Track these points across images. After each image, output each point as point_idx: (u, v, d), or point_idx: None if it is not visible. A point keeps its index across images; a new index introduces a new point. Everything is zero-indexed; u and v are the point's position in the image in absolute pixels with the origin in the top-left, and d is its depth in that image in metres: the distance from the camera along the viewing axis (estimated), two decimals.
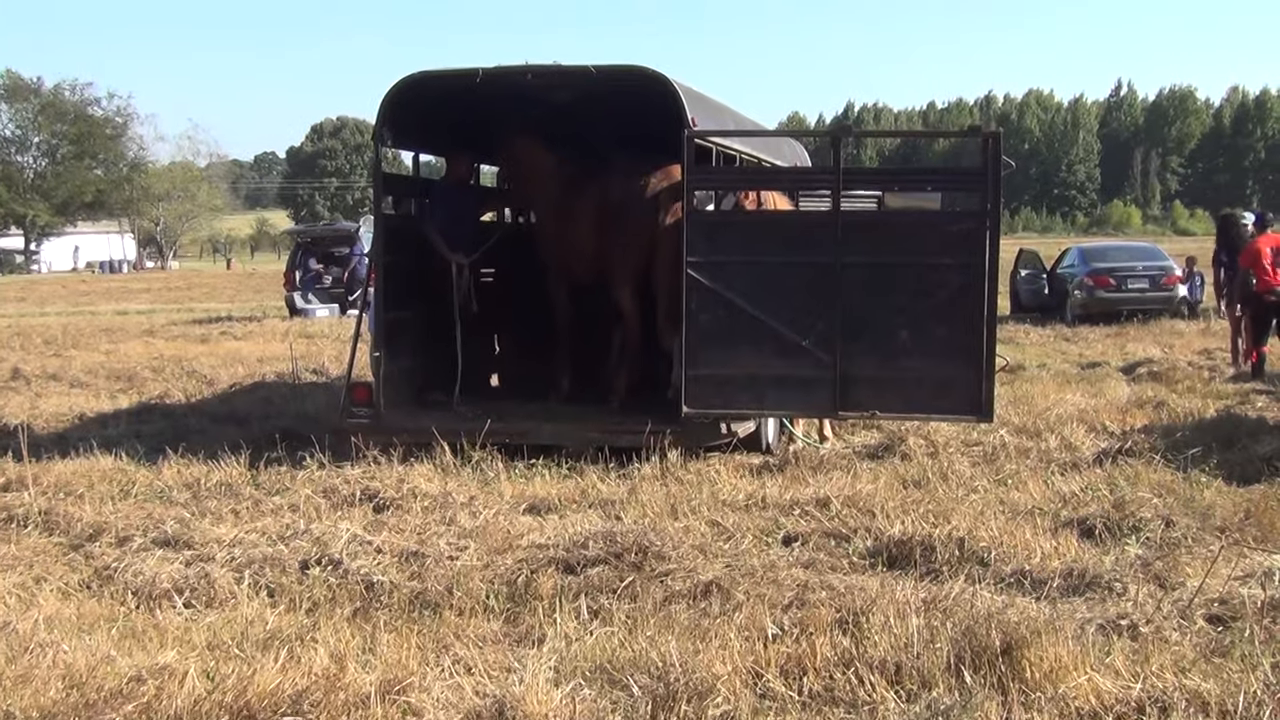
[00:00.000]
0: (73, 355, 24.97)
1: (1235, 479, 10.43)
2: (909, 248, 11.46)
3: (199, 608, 7.61)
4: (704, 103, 12.78)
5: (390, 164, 14.79)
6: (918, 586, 7.52)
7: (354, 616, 7.35)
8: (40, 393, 18.38)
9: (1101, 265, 30.91)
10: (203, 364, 21.81)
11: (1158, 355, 20.87)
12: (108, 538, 9.11)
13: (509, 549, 8.50)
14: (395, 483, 10.49)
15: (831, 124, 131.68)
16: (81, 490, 10.68)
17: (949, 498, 9.84)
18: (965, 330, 11.26)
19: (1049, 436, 12.39)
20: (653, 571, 7.81)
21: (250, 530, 9.08)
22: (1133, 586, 7.38)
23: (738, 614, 7.04)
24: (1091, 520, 8.93)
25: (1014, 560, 8.03)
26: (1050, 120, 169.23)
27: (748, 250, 11.59)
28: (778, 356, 11.42)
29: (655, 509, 9.66)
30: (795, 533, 8.99)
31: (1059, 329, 27.94)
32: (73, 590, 8.04)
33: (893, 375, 11.40)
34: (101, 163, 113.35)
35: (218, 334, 30.31)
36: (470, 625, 7.13)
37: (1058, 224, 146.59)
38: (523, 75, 12.48)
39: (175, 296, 57.15)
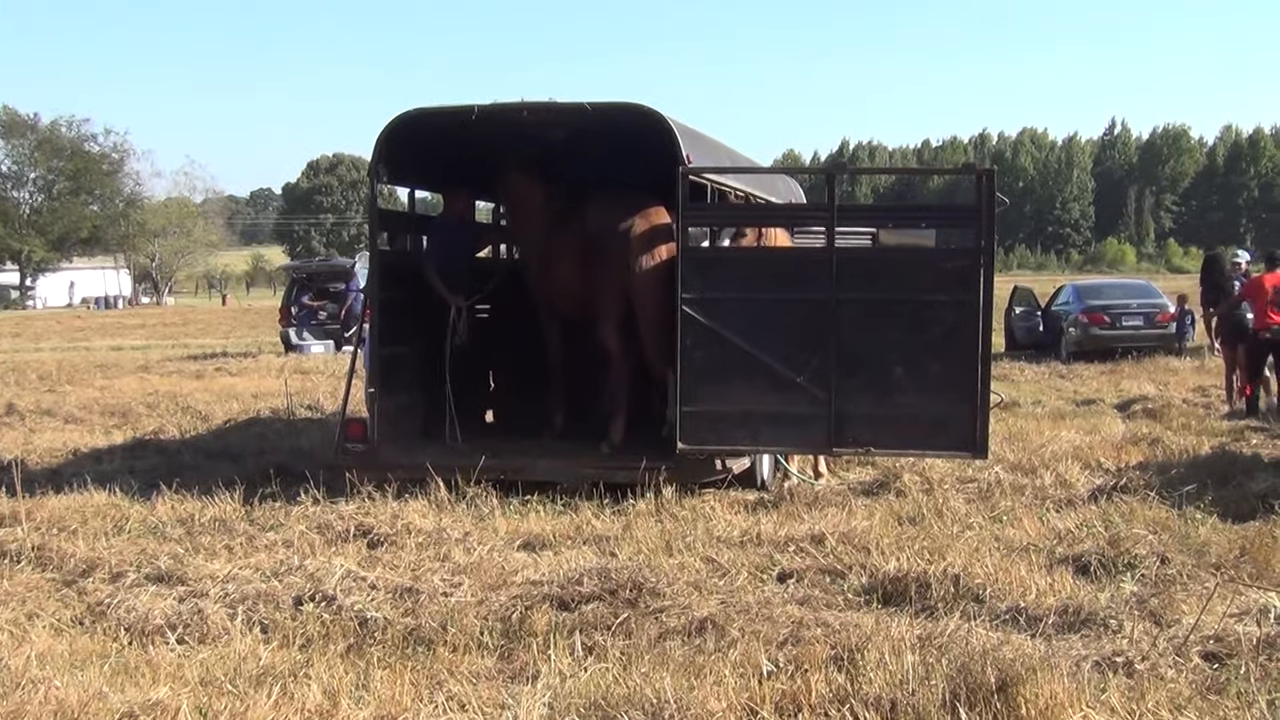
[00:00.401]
0: (67, 391, 24.93)
1: (1230, 516, 10.43)
2: (903, 284, 11.48)
3: (192, 644, 7.59)
4: (699, 139, 12.81)
5: (386, 200, 14.81)
6: (913, 623, 7.51)
7: (347, 653, 7.32)
8: (34, 428, 18.35)
9: (1096, 303, 30.93)
10: (197, 400, 21.78)
11: (1152, 392, 20.87)
12: (101, 574, 9.08)
13: (503, 585, 8.48)
14: (389, 519, 10.48)
15: (826, 161, 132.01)
16: (75, 526, 10.66)
17: (944, 534, 9.83)
18: (960, 366, 11.28)
19: (1044, 473, 12.39)
20: (647, 608, 7.79)
21: (244, 566, 9.06)
22: (1128, 623, 7.36)
23: (732, 651, 7.02)
24: (1087, 557, 8.93)
25: (1009, 597, 8.01)
26: (1044, 158, 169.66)
27: (742, 286, 11.61)
28: (772, 392, 11.43)
29: (650, 545, 9.65)
30: (790, 569, 8.97)
31: (1054, 366, 27.95)
32: (65, 626, 8.01)
33: (888, 411, 11.41)
34: (98, 198, 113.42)
35: (212, 370, 30.27)
36: (464, 662, 7.10)
37: (1052, 261, 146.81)
38: (518, 112, 12.52)
39: (170, 332, 57.11)
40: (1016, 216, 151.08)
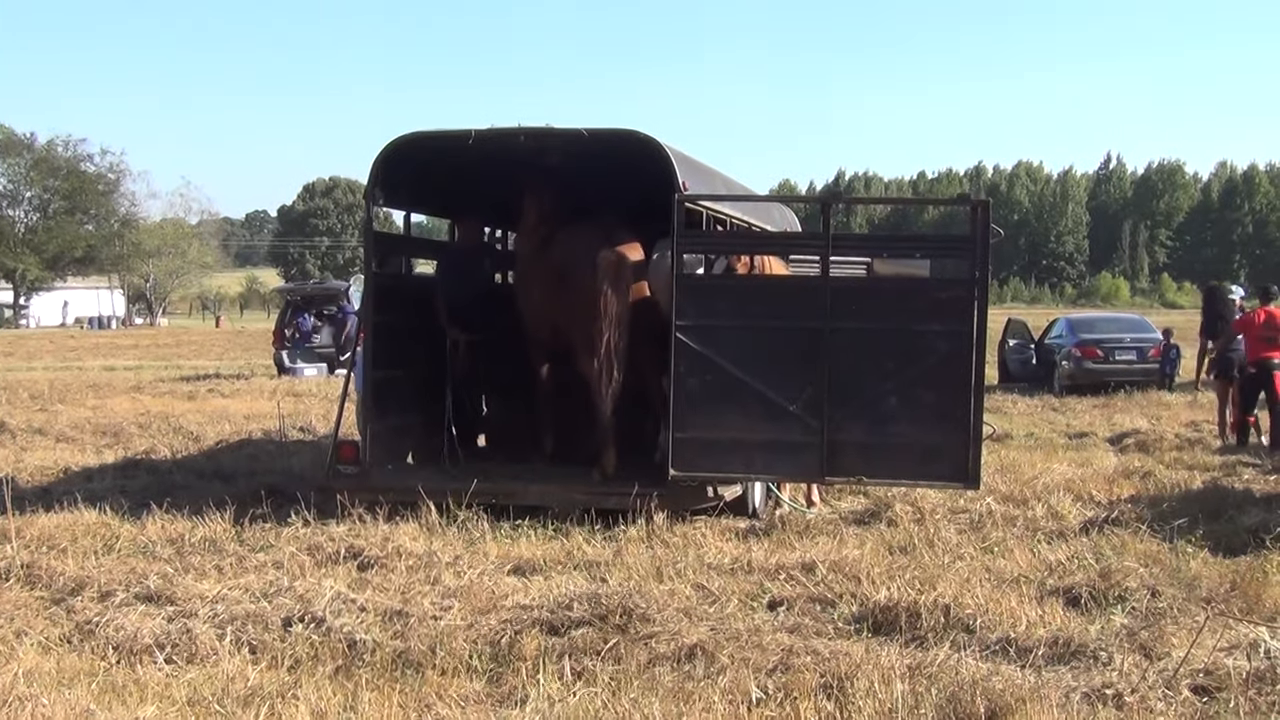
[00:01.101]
0: (59, 410, 24.89)
1: (1221, 550, 10.43)
2: (897, 314, 11.51)
3: (180, 664, 7.56)
4: (695, 167, 12.84)
5: (382, 224, 14.84)
6: (903, 653, 7.50)
7: (336, 675, 7.31)
8: (25, 446, 18.32)
9: (1089, 336, 30.99)
10: (189, 420, 21.77)
11: (1145, 426, 20.87)
12: (90, 592, 9.05)
13: (493, 609, 8.46)
14: (380, 541, 10.47)
15: (822, 190, 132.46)
16: (64, 544, 10.63)
17: (935, 564, 9.83)
18: (953, 397, 11.30)
19: (1036, 505, 12.39)
20: (637, 634, 7.77)
21: (233, 586, 9.04)
22: (1118, 656, 7.36)
23: (722, 677, 7.01)
24: (1077, 589, 8.92)
25: (999, 628, 8.01)
26: (1039, 191, 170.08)
27: (736, 314, 11.63)
28: (765, 420, 11.44)
29: (641, 571, 9.65)
30: (781, 597, 8.96)
31: (1046, 399, 27.98)
32: (53, 644, 7.98)
33: (880, 441, 11.42)
34: (93, 218, 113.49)
35: (205, 391, 30.24)
36: (453, 685, 7.09)
37: (1046, 295, 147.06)
38: (515, 137, 12.55)
39: (163, 353, 57.07)
40: (1011, 249, 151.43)
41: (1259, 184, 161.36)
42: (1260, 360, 17.96)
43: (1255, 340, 17.98)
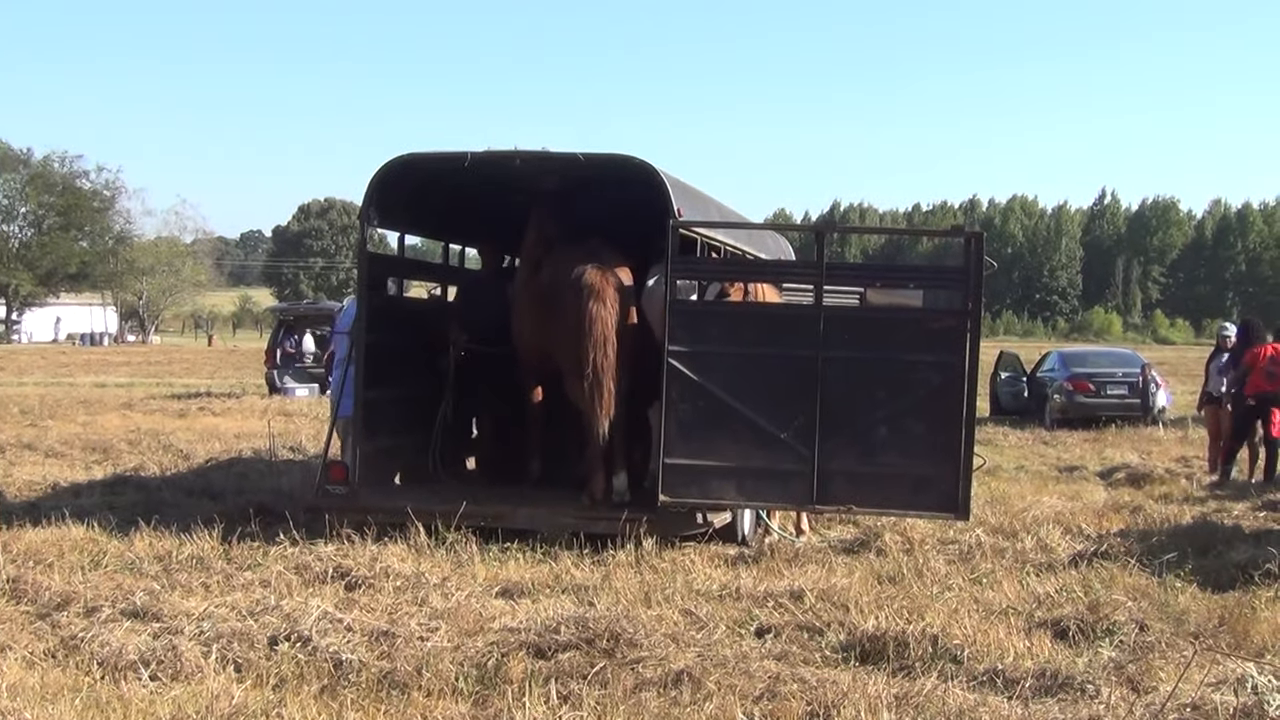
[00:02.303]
0: (49, 425, 24.87)
1: (1210, 585, 10.43)
2: (890, 344, 11.53)
3: (165, 680, 7.53)
4: (690, 193, 12.86)
5: (376, 245, 14.85)
6: (890, 682, 7.48)
7: (321, 694, 7.29)
8: (14, 461, 18.30)
9: (1081, 370, 31.08)
10: (179, 438, 21.74)
11: (1135, 461, 20.91)
12: (76, 607, 9.03)
13: (480, 631, 8.45)
14: (368, 561, 10.44)
15: (817, 220, 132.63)
16: (51, 559, 10.62)
17: (923, 594, 9.82)
18: (944, 428, 11.31)
19: (1025, 537, 12.38)
20: (624, 658, 7.76)
21: (220, 604, 9.02)
22: (1105, 689, 7.35)
23: (708, 704, 7.00)
24: (1065, 622, 8.91)
25: (987, 659, 8.00)
26: (1034, 226, 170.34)
27: (729, 341, 11.64)
28: (756, 448, 11.44)
29: (629, 596, 9.63)
30: (768, 624, 8.95)
31: (1037, 432, 28.03)
32: (38, 659, 7.95)
33: (870, 470, 11.43)
34: (87, 235, 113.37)
35: (196, 409, 30.21)
36: (439, 707, 7.07)
37: (1039, 328, 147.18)
38: (511, 160, 12.56)
39: (155, 371, 56.99)
40: (1004, 282, 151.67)
41: (1253, 222, 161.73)
42: (1261, 394, 18.06)
43: (1259, 374, 18.08)
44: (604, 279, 12.14)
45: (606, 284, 12.10)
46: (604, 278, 12.15)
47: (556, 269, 12.58)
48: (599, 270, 12.16)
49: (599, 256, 12.44)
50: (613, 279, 12.22)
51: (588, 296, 12.02)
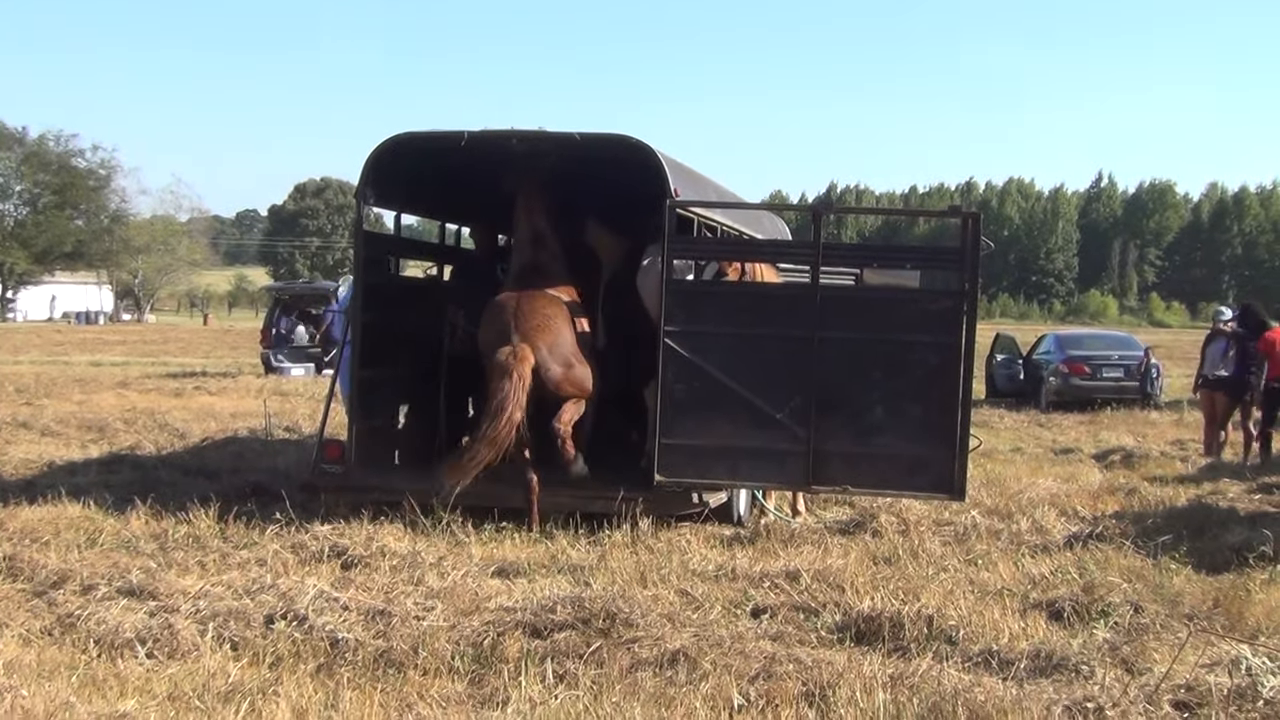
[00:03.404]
0: (44, 404, 24.85)
1: (1205, 567, 10.45)
2: (886, 324, 11.53)
3: (161, 658, 7.54)
4: (687, 173, 12.85)
5: (372, 225, 14.83)
6: (885, 662, 7.50)
7: (317, 673, 7.29)
8: (10, 440, 18.28)
9: (1077, 353, 31.10)
10: (175, 417, 21.73)
11: (1130, 443, 20.95)
12: (72, 585, 9.03)
13: (476, 611, 8.46)
14: (364, 540, 10.45)
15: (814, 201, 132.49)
16: (47, 537, 10.61)
17: (919, 575, 9.84)
18: (940, 409, 11.32)
19: (1020, 519, 12.40)
20: (620, 638, 7.76)
21: (216, 583, 9.02)
22: (1100, 670, 7.35)
23: (704, 683, 7.01)
24: (1060, 603, 8.93)
25: (982, 640, 8.02)
26: (1030, 208, 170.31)
27: (725, 321, 11.62)
28: (752, 428, 11.44)
29: (625, 576, 9.64)
30: (764, 605, 8.96)
31: (1033, 414, 28.04)
32: (34, 637, 7.96)
33: (866, 451, 11.44)
34: (83, 213, 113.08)
35: (191, 388, 30.20)
36: (435, 686, 7.07)
37: (1035, 311, 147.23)
38: (507, 140, 12.54)
39: (150, 350, 56.94)
40: (1001, 265, 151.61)
41: (1249, 206, 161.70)
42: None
43: (1277, 359, 18.20)
44: (514, 355, 11.54)
45: (519, 360, 11.52)
46: (514, 353, 11.54)
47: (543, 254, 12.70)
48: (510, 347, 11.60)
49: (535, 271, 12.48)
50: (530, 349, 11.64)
51: (500, 376, 11.52)
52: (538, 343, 11.70)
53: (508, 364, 11.49)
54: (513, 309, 11.93)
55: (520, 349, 11.56)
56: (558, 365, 11.83)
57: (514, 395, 11.37)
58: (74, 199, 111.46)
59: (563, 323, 12.03)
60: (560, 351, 11.87)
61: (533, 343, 11.66)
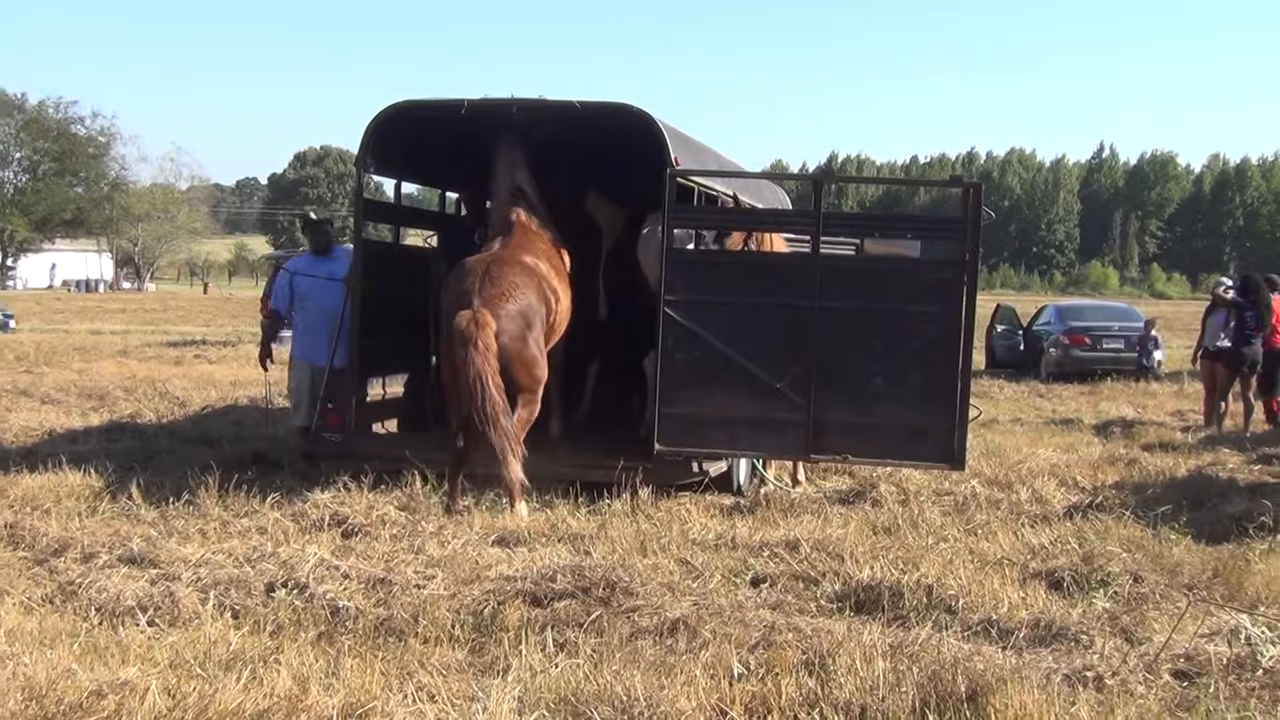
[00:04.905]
0: (44, 372, 24.87)
1: (1204, 537, 10.46)
2: (886, 294, 11.51)
3: (162, 626, 7.55)
4: (687, 142, 12.82)
5: (372, 193, 14.81)
6: (885, 631, 7.50)
7: (318, 640, 7.30)
8: (10, 408, 18.28)
9: (1077, 324, 31.10)
10: (175, 386, 21.75)
11: (1131, 414, 20.98)
12: (73, 553, 9.04)
13: (477, 579, 8.46)
14: (364, 509, 10.43)
15: (815, 171, 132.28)
16: (48, 505, 10.62)
17: (919, 545, 9.83)
18: (939, 379, 11.31)
19: (1020, 489, 12.41)
20: (620, 607, 7.77)
21: (217, 551, 9.02)
22: (1099, 639, 7.36)
23: (704, 652, 7.01)
24: (1060, 573, 8.94)
25: (982, 609, 8.02)
26: (1031, 179, 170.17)
27: (725, 290, 11.60)
28: (751, 397, 11.44)
29: (625, 545, 9.63)
30: (764, 574, 8.96)
31: (1033, 385, 28.05)
32: (36, 604, 7.97)
33: (866, 420, 11.44)
34: (82, 181, 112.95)
35: (192, 357, 30.23)
36: (435, 654, 7.08)
37: (1035, 282, 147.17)
38: (508, 108, 12.51)
39: (150, 318, 56.97)
40: (1002, 236, 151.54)
41: (1251, 177, 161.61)
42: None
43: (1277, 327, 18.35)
44: (474, 322, 11.03)
45: (479, 327, 11.01)
46: (474, 320, 11.04)
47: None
48: (472, 312, 11.11)
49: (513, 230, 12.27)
50: (491, 315, 11.14)
51: (459, 344, 11.04)
52: (497, 309, 11.19)
53: (468, 331, 10.97)
54: (480, 272, 11.48)
55: (480, 314, 11.07)
56: (513, 337, 11.28)
57: (486, 363, 10.86)
58: (74, 166, 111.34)
59: (530, 292, 11.58)
60: (518, 323, 11.37)
61: (492, 309, 11.16)
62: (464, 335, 10.94)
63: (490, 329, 11.02)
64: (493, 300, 11.22)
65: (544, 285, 11.82)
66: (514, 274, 11.58)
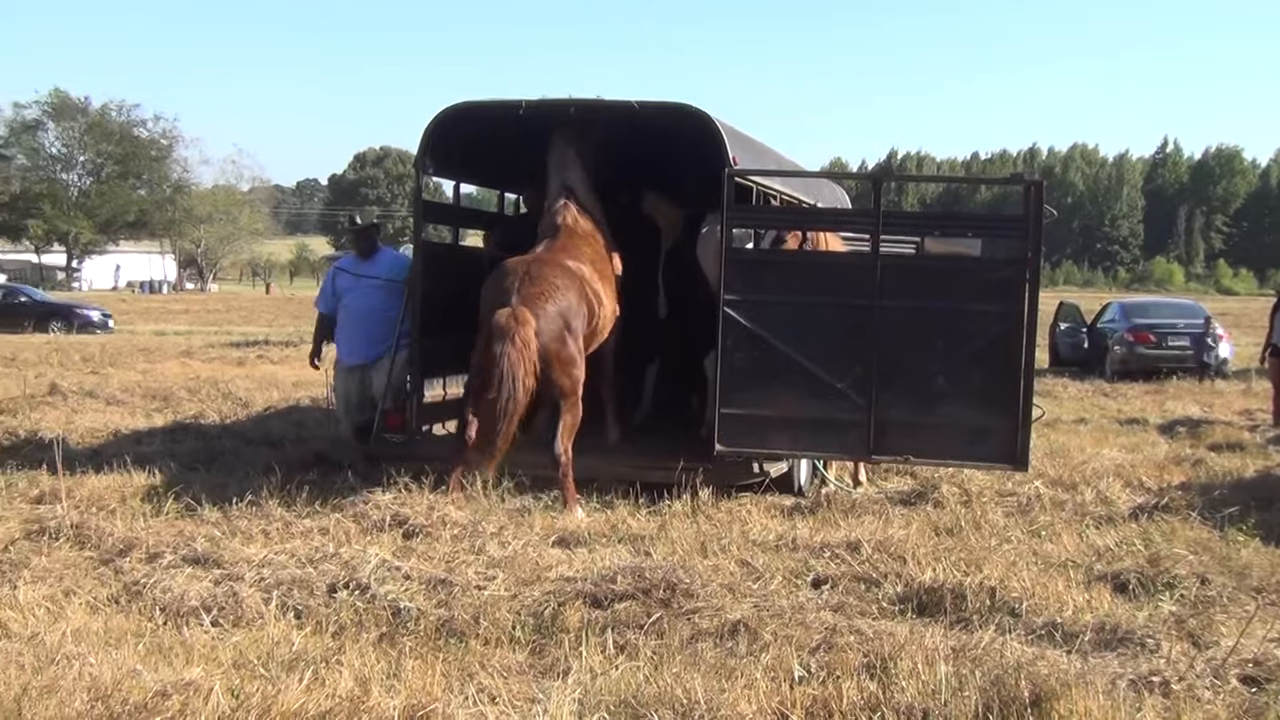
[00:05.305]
0: (110, 373, 25.11)
1: (1273, 539, 10.31)
2: (948, 293, 11.43)
3: (226, 626, 7.60)
4: (745, 142, 12.78)
5: (431, 194, 14.85)
6: (947, 634, 7.44)
7: (380, 641, 7.33)
8: (76, 409, 18.43)
9: (1142, 321, 30.75)
10: (238, 386, 21.85)
11: (1197, 413, 20.73)
12: (138, 553, 9.10)
13: (537, 580, 8.46)
14: (426, 510, 10.42)
15: (874, 169, 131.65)
16: (114, 505, 10.70)
17: (981, 547, 9.75)
18: (1002, 378, 11.22)
19: (1085, 490, 12.28)
20: (680, 609, 7.75)
21: (279, 551, 9.06)
22: (1166, 643, 7.28)
23: (764, 654, 6.99)
24: (1125, 575, 8.84)
25: (1045, 612, 7.94)
26: (1094, 175, 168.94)
27: (785, 290, 11.55)
28: (812, 398, 11.38)
29: (685, 546, 9.62)
30: (825, 575, 8.91)
31: (1097, 384, 27.76)
32: (101, 604, 8.04)
33: (928, 421, 11.35)
34: (145, 183, 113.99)
35: (254, 357, 30.44)
36: (496, 655, 7.09)
37: (1099, 279, 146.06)
38: (566, 108, 12.52)
39: (213, 318, 57.47)
40: (1065, 232, 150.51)
41: None
42: None
43: None
44: (514, 318, 11.04)
45: (518, 324, 11.02)
46: (513, 316, 11.05)
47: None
48: (510, 309, 11.11)
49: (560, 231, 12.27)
50: (530, 313, 11.14)
51: (496, 338, 11.03)
52: (536, 308, 11.17)
53: (506, 326, 10.96)
54: (521, 272, 11.48)
55: (519, 311, 11.06)
56: (551, 337, 11.26)
57: (522, 361, 10.88)
58: (137, 169, 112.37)
59: (571, 294, 11.55)
60: (558, 324, 11.34)
61: (531, 307, 11.15)
62: (502, 330, 10.95)
63: (529, 326, 11.03)
64: (532, 299, 11.22)
65: (586, 288, 11.79)
66: (555, 275, 11.56)
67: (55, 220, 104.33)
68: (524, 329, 10.96)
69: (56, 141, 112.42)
